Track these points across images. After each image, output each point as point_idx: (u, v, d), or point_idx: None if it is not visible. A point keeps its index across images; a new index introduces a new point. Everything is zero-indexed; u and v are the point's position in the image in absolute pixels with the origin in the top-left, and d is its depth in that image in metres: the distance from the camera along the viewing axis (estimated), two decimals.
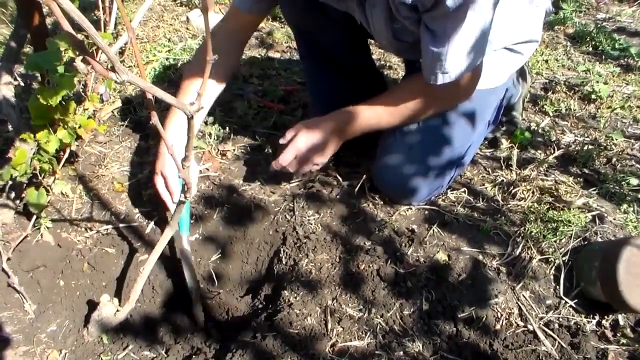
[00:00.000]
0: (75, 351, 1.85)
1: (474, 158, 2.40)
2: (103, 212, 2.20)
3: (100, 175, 2.32)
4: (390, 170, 2.09)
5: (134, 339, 1.92)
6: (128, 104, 2.73)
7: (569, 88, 3.04)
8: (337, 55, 2.31)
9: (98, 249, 2.09)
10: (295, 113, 2.75)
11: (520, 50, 2.14)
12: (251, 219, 2.15)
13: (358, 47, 2.39)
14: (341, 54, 2.32)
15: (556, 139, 2.61)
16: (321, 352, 1.65)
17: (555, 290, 1.88)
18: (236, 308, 1.95)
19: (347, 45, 2.31)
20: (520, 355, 1.68)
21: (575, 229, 2.01)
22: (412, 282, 1.84)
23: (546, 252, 1.95)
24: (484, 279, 1.86)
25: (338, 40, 2.27)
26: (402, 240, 1.99)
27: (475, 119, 2.09)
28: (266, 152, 2.42)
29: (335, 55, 2.31)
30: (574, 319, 1.81)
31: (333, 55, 2.31)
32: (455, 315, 1.77)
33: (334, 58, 2.32)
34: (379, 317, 1.76)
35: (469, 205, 2.17)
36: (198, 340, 1.90)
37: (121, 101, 2.73)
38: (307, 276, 1.88)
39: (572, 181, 2.29)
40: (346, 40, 2.27)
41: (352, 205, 2.14)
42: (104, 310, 1.83)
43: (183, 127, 2.01)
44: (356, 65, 2.41)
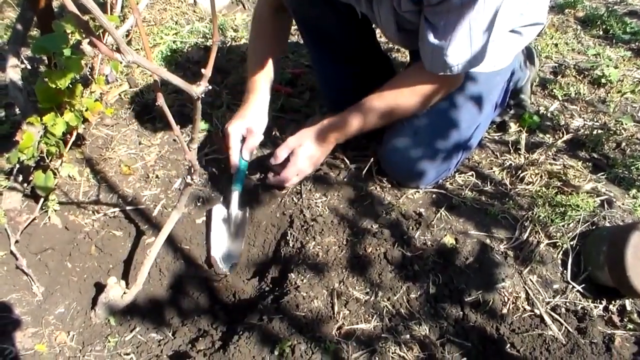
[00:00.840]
0: (82, 333, 1.86)
1: (482, 141, 2.39)
2: (110, 194, 2.20)
3: (107, 158, 2.33)
4: (397, 153, 2.08)
5: (141, 321, 1.92)
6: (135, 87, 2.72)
7: (579, 72, 3.01)
8: (341, 41, 2.30)
9: (105, 231, 2.09)
10: (302, 96, 2.74)
11: (525, 32, 2.12)
12: (258, 201, 2.15)
13: (363, 33, 2.37)
14: (345, 40, 2.30)
15: (565, 123, 2.59)
16: (327, 334, 1.65)
17: (562, 274, 1.87)
18: (243, 291, 1.95)
19: (351, 32, 2.29)
20: (527, 339, 1.68)
21: (584, 214, 1.99)
22: (419, 265, 1.84)
23: (554, 237, 1.94)
24: (491, 263, 1.85)
25: (342, 27, 2.25)
26: (410, 223, 1.98)
27: (481, 101, 2.08)
28: (274, 134, 2.41)
29: (340, 41, 2.30)
30: (581, 303, 1.80)
31: (337, 41, 2.29)
32: (462, 299, 1.77)
33: (338, 44, 2.31)
34: (385, 300, 1.76)
35: (477, 188, 2.16)
36: (205, 322, 1.89)
37: (128, 84, 2.72)
38: (314, 259, 1.88)
39: (581, 165, 2.28)
40: (350, 27, 2.25)
41: (360, 188, 2.14)
42: (111, 292, 1.83)
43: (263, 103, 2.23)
44: (361, 50, 2.39)
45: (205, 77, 1.21)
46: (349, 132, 2.05)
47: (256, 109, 2.18)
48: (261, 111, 2.20)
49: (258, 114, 2.18)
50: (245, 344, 1.63)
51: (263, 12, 2.29)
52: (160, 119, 2.53)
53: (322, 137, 2.06)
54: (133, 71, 2.81)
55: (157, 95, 1.27)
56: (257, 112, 2.18)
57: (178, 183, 2.27)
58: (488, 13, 1.62)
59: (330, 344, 1.61)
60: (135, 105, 2.62)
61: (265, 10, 2.28)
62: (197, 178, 1.56)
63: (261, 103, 2.20)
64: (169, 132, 2.44)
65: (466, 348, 1.67)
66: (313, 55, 2.52)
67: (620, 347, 1.68)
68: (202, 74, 1.20)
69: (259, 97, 2.20)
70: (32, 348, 1.74)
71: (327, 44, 2.31)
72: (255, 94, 2.20)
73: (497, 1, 1.60)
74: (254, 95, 2.19)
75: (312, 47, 2.43)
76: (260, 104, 2.20)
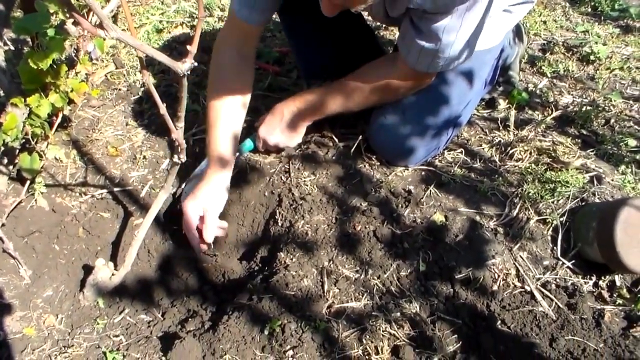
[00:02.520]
0: (71, 315, 1.85)
1: (471, 119, 2.37)
2: (97, 176, 2.19)
3: (94, 139, 2.30)
4: (385, 131, 2.06)
5: (130, 302, 1.91)
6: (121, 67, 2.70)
7: (567, 49, 3.00)
8: (314, 4, 2.25)
9: (93, 213, 2.07)
10: (290, 75, 2.72)
11: (516, 10, 2.10)
12: (246, 181, 2.13)
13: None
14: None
15: (554, 100, 2.57)
16: (318, 313, 1.64)
17: (552, 251, 1.86)
18: (232, 270, 1.94)
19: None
20: (517, 316, 1.68)
21: (573, 190, 1.98)
22: (409, 243, 1.83)
23: (543, 213, 1.93)
24: (481, 240, 1.84)
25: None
26: (399, 201, 1.97)
27: (472, 78, 2.06)
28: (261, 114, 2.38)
29: (313, 5, 2.25)
30: (571, 279, 1.80)
31: (310, 4, 2.25)
32: (452, 276, 1.77)
33: (311, 7, 2.25)
34: (375, 278, 1.75)
35: (466, 165, 2.14)
36: (194, 303, 1.89)
37: (114, 65, 2.69)
38: (303, 238, 1.87)
39: (570, 142, 2.27)
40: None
41: (348, 166, 2.12)
42: (99, 274, 1.83)
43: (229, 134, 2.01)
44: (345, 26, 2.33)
45: (191, 53, 1.18)
46: (319, 116, 2.09)
47: (213, 188, 1.95)
48: (219, 191, 1.96)
49: (215, 194, 1.95)
50: (235, 324, 1.62)
51: (224, 58, 2.06)
52: (147, 99, 2.50)
53: (291, 125, 2.10)
54: (119, 52, 2.78)
55: (142, 73, 1.25)
56: (214, 192, 1.95)
57: (166, 164, 2.25)
58: (479, 13, 1.66)
59: (321, 323, 1.61)
60: (122, 86, 2.60)
61: (227, 56, 2.06)
62: (184, 157, 1.54)
63: (220, 182, 1.96)
64: (156, 112, 2.42)
65: (457, 325, 1.67)
66: (284, 23, 2.44)
67: (610, 322, 1.68)
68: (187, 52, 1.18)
69: (218, 175, 1.96)
70: (20, 332, 1.72)
71: (298, 8, 2.24)
72: (214, 171, 1.96)
73: (486, 1, 1.64)
74: (212, 173, 1.96)
75: (284, 13, 2.35)
76: (219, 182, 1.96)
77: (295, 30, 2.38)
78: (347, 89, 2.02)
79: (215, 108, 1.99)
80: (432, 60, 1.80)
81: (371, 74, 2.01)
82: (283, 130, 2.12)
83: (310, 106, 2.07)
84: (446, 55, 1.77)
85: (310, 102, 2.06)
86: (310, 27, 2.28)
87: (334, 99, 2.03)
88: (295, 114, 2.08)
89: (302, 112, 2.08)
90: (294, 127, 2.12)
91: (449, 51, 1.75)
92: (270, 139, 2.13)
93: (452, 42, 1.72)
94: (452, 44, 1.72)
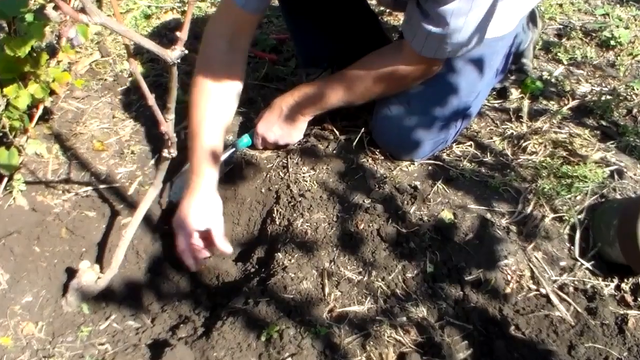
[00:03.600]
0: (52, 323, 1.84)
1: (481, 110, 2.36)
2: (82, 172, 2.18)
3: (78, 133, 2.30)
4: (390, 123, 2.06)
5: (117, 308, 1.91)
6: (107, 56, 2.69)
7: (586, 34, 2.99)
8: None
9: (77, 212, 2.07)
10: (288, 63, 2.72)
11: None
12: (242, 176, 2.14)
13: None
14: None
15: (571, 89, 2.57)
16: (318, 318, 1.64)
17: (569, 251, 1.86)
18: (227, 273, 1.94)
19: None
20: (533, 320, 1.67)
21: (592, 185, 1.98)
22: (415, 242, 1.83)
23: (560, 210, 1.93)
24: (493, 239, 1.84)
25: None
26: (404, 197, 1.96)
27: (483, 67, 2.05)
28: (257, 105, 2.39)
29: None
30: (591, 282, 1.79)
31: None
32: (462, 278, 1.76)
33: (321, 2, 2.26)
34: (379, 280, 1.75)
35: (476, 160, 2.14)
36: (186, 307, 1.89)
37: (99, 53, 2.69)
38: (303, 237, 1.87)
39: (588, 134, 2.26)
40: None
41: (350, 160, 2.12)
42: (83, 277, 1.82)
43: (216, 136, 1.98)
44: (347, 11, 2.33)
45: (181, 40, 1.19)
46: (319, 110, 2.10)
47: (207, 201, 1.90)
48: (213, 202, 1.92)
49: (212, 206, 1.91)
50: (229, 330, 1.62)
51: (213, 51, 2.01)
52: (135, 90, 2.50)
53: (290, 120, 2.11)
54: (104, 39, 2.78)
55: (130, 61, 1.25)
56: (209, 204, 1.91)
57: (155, 159, 2.25)
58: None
59: (321, 328, 1.60)
60: (108, 76, 2.60)
61: (216, 49, 2.01)
62: (174, 151, 1.54)
63: (210, 194, 1.91)
64: (144, 104, 2.41)
65: (467, 330, 1.66)
66: (283, 7, 2.41)
67: (634, 329, 1.66)
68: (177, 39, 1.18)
69: (206, 185, 1.90)
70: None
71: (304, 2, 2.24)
72: (202, 180, 1.90)
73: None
74: (199, 182, 1.90)
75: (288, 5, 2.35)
76: (210, 194, 1.91)
77: (294, 15, 2.37)
78: (349, 80, 2.01)
79: (199, 109, 1.95)
80: (440, 45, 1.79)
81: (375, 63, 2.00)
82: (282, 126, 2.13)
83: (310, 100, 2.07)
84: (454, 41, 1.75)
85: (310, 96, 2.06)
86: (311, 13, 2.27)
87: (336, 91, 2.03)
88: (294, 109, 2.08)
89: (302, 106, 2.08)
90: (293, 123, 2.12)
91: (457, 36, 1.74)
92: (269, 135, 2.14)
93: (460, 27, 1.70)
94: (461, 28, 1.71)
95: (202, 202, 1.87)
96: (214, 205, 1.90)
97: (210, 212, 1.88)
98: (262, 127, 2.13)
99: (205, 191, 1.89)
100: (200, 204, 1.87)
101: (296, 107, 2.08)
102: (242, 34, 2.02)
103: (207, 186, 1.90)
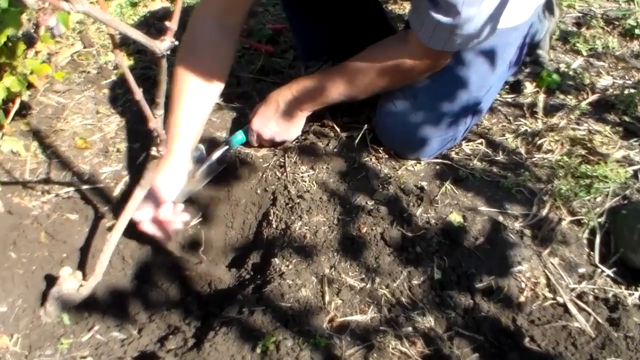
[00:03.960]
0: (29, 335, 1.84)
1: (493, 105, 2.37)
2: (63, 172, 2.19)
3: (58, 129, 2.31)
4: (394, 119, 2.07)
5: (101, 318, 1.91)
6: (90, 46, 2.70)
7: (607, 22, 2.99)
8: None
9: (57, 215, 2.07)
10: (285, 55, 2.73)
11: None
12: (236, 176, 2.14)
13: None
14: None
15: (590, 82, 2.57)
16: (318, 328, 1.64)
17: (589, 257, 1.86)
18: (220, 279, 1.94)
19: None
20: (549, 332, 1.67)
21: (613, 186, 1.98)
22: (422, 247, 1.83)
23: (578, 213, 1.93)
24: (505, 244, 1.84)
25: None
26: (410, 199, 1.97)
27: (495, 59, 2.05)
28: (252, 100, 2.39)
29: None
30: (613, 290, 1.78)
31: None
32: (472, 286, 1.76)
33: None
34: (383, 287, 1.75)
35: (487, 158, 2.15)
36: (176, 317, 1.89)
37: (82, 43, 2.69)
38: (301, 241, 1.87)
39: (610, 130, 2.26)
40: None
41: (352, 159, 2.12)
42: (64, 285, 1.81)
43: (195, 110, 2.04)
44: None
45: (171, 30, 1.19)
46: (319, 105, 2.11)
47: (172, 172, 2.00)
48: (179, 175, 2.02)
49: (176, 178, 2.02)
50: (222, 341, 1.62)
51: (201, 29, 2.07)
52: (121, 83, 2.51)
53: (288, 116, 2.12)
54: (87, 28, 2.79)
55: (115, 53, 1.25)
56: (173, 176, 2.01)
57: (143, 157, 2.26)
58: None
59: (321, 339, 1.60)
60: (91, 68, 2.60)
61: (204, 26, 2.06)
62: (164, 149, 1.55)
63: (177, 165, 2.01)
64: (131, 98, 2.42)
65: (478, 342, 1.66)
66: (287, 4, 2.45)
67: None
68: (167, 29, 1.19)
69: (174, 160, 2.00)
70: None
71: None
72: (170, 155, 1.99)
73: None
74: (169, 155, 1.99)
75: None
76: (177, 166, 2.01)
77: (292, 3, 2.38)
78: (351, 73, 2.02)
79: (181, 86, 2.01)
80: (449, 37, 1.79)
81: (378, 55, 2.00)
82: (279, 123, 2.13)
83: (309, 94, 2.07)
84: (465, 32, 1.75)
85: (309, 90, 2.07)
86: (310, 0, 2.28)
87: (336, 84, 2.03)
88: (292, 104, 2.09)
89: (300, 101, 2.09)
90: (291, 119, 2.13)
91: (468, 27, 1.73)
92: (265, 132, 2.14)
93: (472, 17, 1.70)
94: (473, 18, 1.70)
95: (172, 174, 1.97)
96: (171, 182, 1.99)
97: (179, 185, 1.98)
98: (258, 123, 2.14)
99: (176, 164, 1.98)
100: (171, 175, 1.97)
101: (294, 101, 2.09)
102: (234, 13, 2.07)
103: (178, 160, 1.99)
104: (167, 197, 1.95)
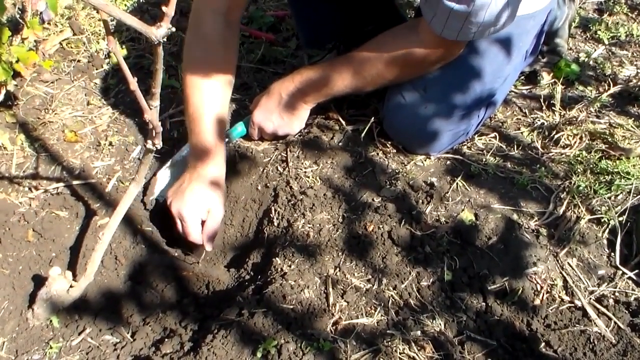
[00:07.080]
0: (16, 339, 1.84)
1: (508, 97, 2.38)
2: (52, 167, 2.20)
3: (47, 122, 2.31)
4: (403, 112, 2.08)
5: (92, 320, 1.90)
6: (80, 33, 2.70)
7: (632, 8, 2.99)
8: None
9: (46, 212, 2.08)
10: (287, 44, 2.73)
11: None
12: (236, 171, 2.15)
13: None
14: None
15: (612, 73, 2.58)
16: (321, 331, 1.65)
17: (609, 257, 1.87)
18: (218, 280, 1.95)
19: None
20: (566, 337, 1.67)
21: (636, 183, 1.99)
22: (432, 246, 1.84)
23: (598, 211, 1.94)
24: (520, 243, 1.85)
25: None
26: (419, 196, 1.98)
27: (510, 48, 2.06)
28: (252, 90, 2.40)
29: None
30: (634, 293, 1.78)
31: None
32: (484, 287, 1.77)
33: None
34: (391, 289, 1.76)
35: (501, 153, 2.16)
36: (172, 320, 1.89)
37: (71, 30, 2.69)
38: (304, 240, 1.88)
39: (632, 124, 2.27)
40: None
41: (358, 153, 2.13)
42: (54, 286, 1.81)
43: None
44: None
45: (168, 16, 1.19)
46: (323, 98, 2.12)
47: (210, 186, 2.01)
48: (217, 188, 2.03)
49: (214, 192, 2.03)
50: (221, 345, 1.62)
51: (207, 26, 2.08)
52: (114, 73, 2.51)
53: (291, 108, 2.13)
54: (77, 14, 2.79)
55: (108, 40, 1.26)
56: (212, 190, 2.02)
57: (137, 151, 2.27)
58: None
59: (325, 343, 1.61)
60: (82, 57, 2.60)
61: (210, 22, 2.07)
62: (159, 142, 1.55)
63: (218, 171, 2.05)
64: (125, 89, 2.43)
65: (490, 347, 1.67)
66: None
67: None
68: (163, 14, 1.19)
69: (212, 169, 2.02)
70: None
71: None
72: (207, 165, 2.02)
73: None
74: (205, 168, 2.01)
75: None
76: (218, 172, 2.04)
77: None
78: (357, 63, 2.02)
79: (200, 90, 2.02)
80: (463, 26, 1.78)
81: (387, 44, 2.00)
82: (281, 115, 2.14)
83: (312, 85, 2.08)
84: (480, 20, 1.75)
85: (313, 81, 2.07)
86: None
87: (342, 75, 2.04)
88: (295, 95, 2.10)
89: (303, 92, 2.09)
90: (294, 111, 2.13)
91: (483, 15, 1.73)
92: (267, 125, 2.15)
93: (487, 4, 1.69)
94: (488, 5, 1.70)
95: (222, 164, 2.04)
96: (218, 198, 2.02)
97: (213, 203, 2.00)
98: (259, 115, 2.14)
99: (211, 181, 2.01)
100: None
101: (297, 93, 2.09)
102: (237, 7, 2.08)
103: (213, 177, 2.01)
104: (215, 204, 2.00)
